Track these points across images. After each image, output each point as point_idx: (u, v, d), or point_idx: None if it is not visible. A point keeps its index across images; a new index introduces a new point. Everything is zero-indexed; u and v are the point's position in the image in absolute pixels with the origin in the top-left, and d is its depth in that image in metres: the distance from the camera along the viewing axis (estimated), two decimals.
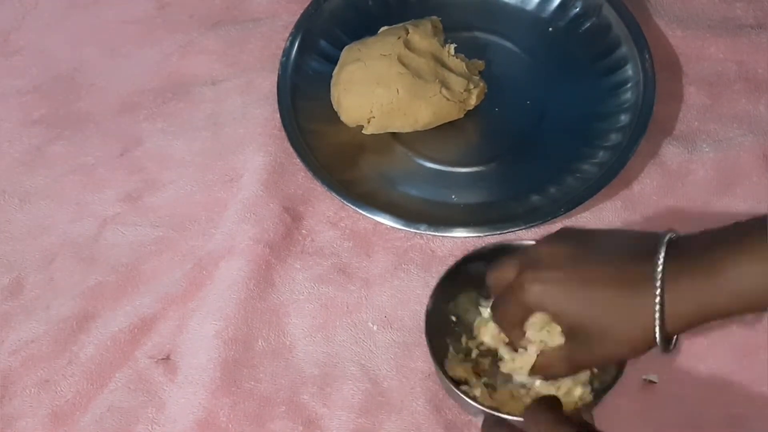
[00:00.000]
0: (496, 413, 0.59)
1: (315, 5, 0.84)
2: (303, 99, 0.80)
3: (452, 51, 0.77)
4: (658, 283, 0.51)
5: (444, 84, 0.76)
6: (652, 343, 0.53)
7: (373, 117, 0.76)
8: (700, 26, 0.85)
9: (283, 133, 0.78)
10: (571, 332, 0.55)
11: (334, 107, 0.78)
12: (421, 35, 0.77)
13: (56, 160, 0.81)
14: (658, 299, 0.51)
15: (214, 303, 0.72)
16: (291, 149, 0.77)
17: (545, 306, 0.55)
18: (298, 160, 0.77)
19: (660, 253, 0.52)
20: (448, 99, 0.76)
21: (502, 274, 0.58)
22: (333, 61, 0.80)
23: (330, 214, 0.77)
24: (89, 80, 0.86)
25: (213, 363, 0.69)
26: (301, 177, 0.78)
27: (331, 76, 0.79)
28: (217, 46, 0.87)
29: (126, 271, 0.75)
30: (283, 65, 0.81)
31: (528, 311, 0.56)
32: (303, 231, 0.76)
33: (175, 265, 0.75)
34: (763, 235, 0.50)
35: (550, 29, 0.85)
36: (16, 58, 0.88)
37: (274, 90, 0.80)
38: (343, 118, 0.78)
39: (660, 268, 0.51)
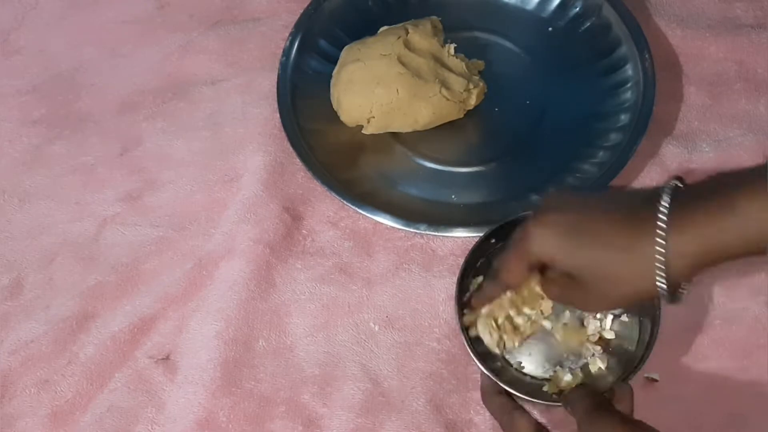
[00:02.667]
0: (498, 381, 0.62)
1: (315, 5, 0.84)
2: (303, 99, 0.80)
3: (452, 51, 0.77)
4: (661, 222, 0.50)
5: (444, 84, 0.76)
6: (654, 289, 0.52)
7: (373, 117, 0.76)
8: (700, 26, 0.85)
9: (283, 133, 0.78)
10: (577, 275, 0.55)
11: (334, 107, 0.78)
12: (421, 35, 0.77)
13: (56, 160, 0.81)
14: (662, 236, 0.50)
15: (215, 303, 0.72)
16: (291, 149, 0.77)
17: (548, 250, 0.55)
18: (298, 160, 0.77)
19: (664, 195, 0.51)
20: (447, 99, 0.76)
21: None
22: (333, 60, 0.80)
23: (330, 214, 0.77)
24: (89, 80, 0.86)
25: (213, 363, 0.69)
26: (301, 177, 0.78)
27: (331, 76, 0.79)
28: (217, 46, 0.87)
29: (126, 271, 0.74)
30: (283, 65, 0.82)
31: (532, 258, 0.56)
32: (303, 231, 0.76)
33: (175, 265, 0.75)
34: None
35: (550, 29, 0.85)
36: (16, 58, 0.88)
37: (274, 90, 0.80)
38: (343, 118, 0.78)
39: (664, 209, 0.50)
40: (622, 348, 0.66)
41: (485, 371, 0.63)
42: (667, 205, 0.51)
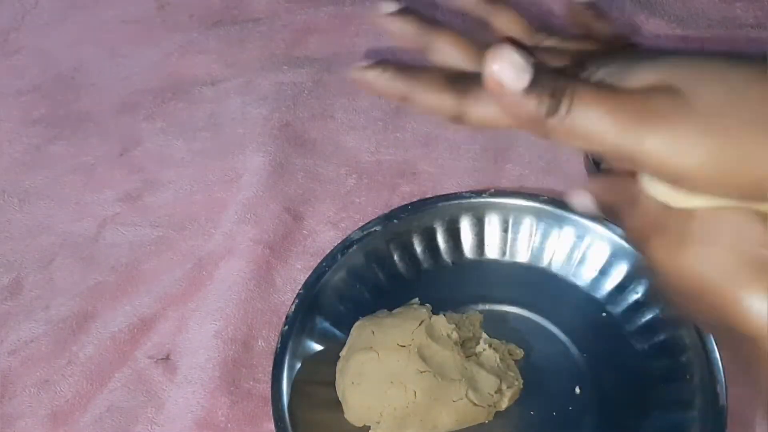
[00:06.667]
0: None
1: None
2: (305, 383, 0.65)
3: (484, 346, 0.64)
4: None
5: (471, 384, 0.62)
6: None
7: (383, 421, 0.62)
8: (700, 26, 0.85)
9: (283, 133, 0.78)
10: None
11: (338, 396, 0.64)
12: (448, 318, 0.64)
13: (56, 160, 0.81)
14: None
15: (214, 303, 0.72)
16: (291, 149, 0.77)
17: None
18: (298, 160, 0.76)
19: None
20: (475, 404, 0.62)
21: None
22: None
23: (330, 215, 0.77)
24: (89, 80, 0.86)
25: (212, 363, 0.68)
26: (301, 177, 0.78)
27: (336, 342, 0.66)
28: (217, 46, 0.87)
29: (126, 271, 0.75)
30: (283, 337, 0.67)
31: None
32: (304, 231, 0.76)
33: (175, 265, 0.75)
34: None
35: (604, 314, 0.67)
36: (16, 58, 0.88)
37: (274, 90, 0.80)
38: (348, 416, 0.64)
39: None
40: None
41: None
42: None
